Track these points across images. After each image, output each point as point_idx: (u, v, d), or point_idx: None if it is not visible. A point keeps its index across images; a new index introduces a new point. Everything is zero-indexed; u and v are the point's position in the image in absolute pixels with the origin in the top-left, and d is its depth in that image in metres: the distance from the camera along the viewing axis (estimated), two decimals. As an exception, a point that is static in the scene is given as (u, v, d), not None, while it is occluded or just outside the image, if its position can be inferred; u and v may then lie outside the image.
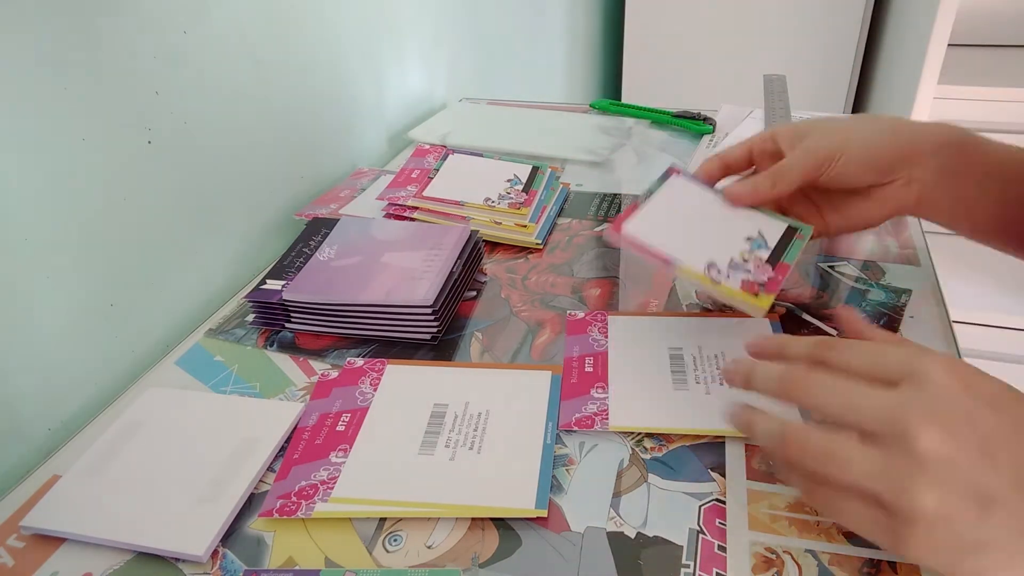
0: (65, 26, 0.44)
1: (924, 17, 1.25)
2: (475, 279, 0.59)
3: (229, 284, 0.62)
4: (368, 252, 0.56)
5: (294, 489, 0.39)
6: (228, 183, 0.61)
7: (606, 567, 0.35)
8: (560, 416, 0.44)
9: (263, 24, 0.62)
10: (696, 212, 0.49)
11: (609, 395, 0.45)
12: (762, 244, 0.47)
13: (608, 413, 0.43)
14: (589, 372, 0.47)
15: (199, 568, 0.36)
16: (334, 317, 0.52)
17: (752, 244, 0.47)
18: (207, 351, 0.52)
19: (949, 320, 0.50)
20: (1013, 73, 1.43)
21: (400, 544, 0.37)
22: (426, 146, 0.77)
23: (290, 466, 0.41)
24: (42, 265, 0.45)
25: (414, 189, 0.67)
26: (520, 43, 1.35)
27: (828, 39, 1.66)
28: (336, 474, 0.40)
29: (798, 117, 0.83)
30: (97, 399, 0.50)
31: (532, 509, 0.37)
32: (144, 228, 0.53)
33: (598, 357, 0.48)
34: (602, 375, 0.47)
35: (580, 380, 0.46)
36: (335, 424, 0.44)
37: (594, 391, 0.45)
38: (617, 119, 0.90)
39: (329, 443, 0.42)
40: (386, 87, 0.85)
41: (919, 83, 1.26)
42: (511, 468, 0.40)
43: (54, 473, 0.42)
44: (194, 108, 0.55)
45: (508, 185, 0.68)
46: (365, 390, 0.47)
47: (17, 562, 0.37)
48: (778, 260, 0.46)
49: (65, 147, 0.45)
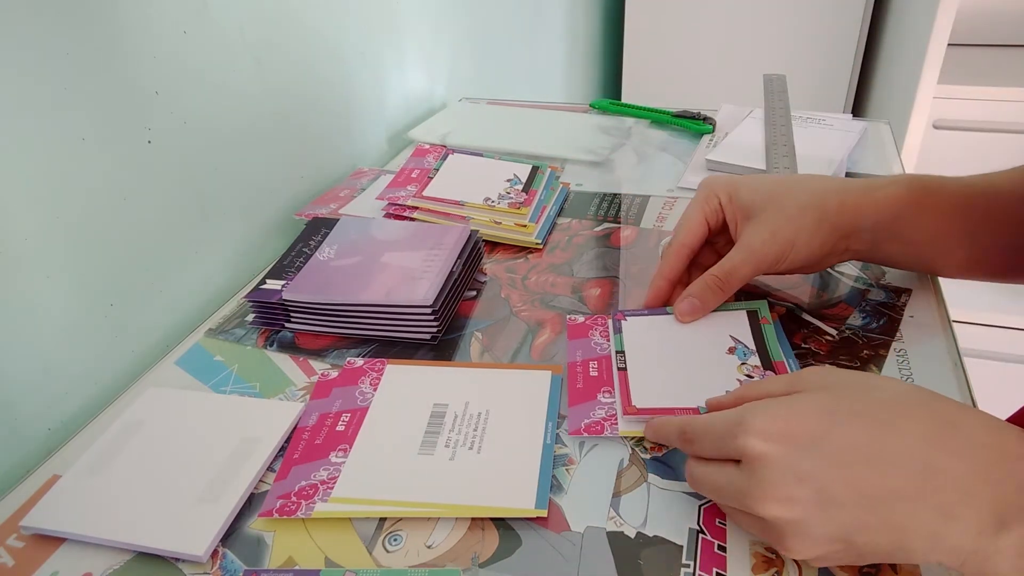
0: (65, 26, 0.44)
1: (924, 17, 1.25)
2: (475, 279, 0.59)
3: (229, 284, 0.62)
4: (368, 252, 0.56)
5: (294, 489, 0.39)
6: (228, 183, 0.61)
7: (606, 567, 0.35)
8: (569, 423, 0.43)
9: (263, 24, 0.62)
10: (669, 347, 0.48)
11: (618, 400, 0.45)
12: (746, 350, 0.47)
13: (617, 418, 0.43)
14: (595, 376, 0.47)
15: (199, 568, 0.36)
16: (334, 317, 0.52)
17: (737, 354, 0.47)
18: (207, 351, 0.52)
19: (949, 320, 0.50)
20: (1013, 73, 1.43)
21: (400, 544, 0.37)
22: (426, 146, 0.77)
23: (290, 466, 0.41)
24: (42, 265, 0.45)
25: (414, 189, 0.67)
26: (520, 43, 1.35)
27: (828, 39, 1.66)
28: (336, 474, 0.40)
29: (798, 117, 0.83)
30: (97, 399, 0.50)
31: (532, 509, 0.38)
32: (144, 228, 0.53)
33: (602, 361, 0.48)
34: (608, 379, 0.46)
35: (586, 385, 0.46)
36: (335, 424, 0.44)
37: (601, 395, 0.45)
38: (617, 119, 0.90)
39: (329, 443, 0.42)
40: (386, 87, 0.85)
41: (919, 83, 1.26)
42: (511, 468, 0.40)
43: (54, 473, 0.42)
44: (194, 108, 0.55)
45: (508, 185, 0.68)
46: (365, 390, 0.47)
47: (17, 562, 0.37)
48: (770, 360, 0.46)
49: (65, 147, 0.45)
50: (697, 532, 0.36)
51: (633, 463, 0.41)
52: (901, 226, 0.48)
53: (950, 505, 0.30)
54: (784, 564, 0.35)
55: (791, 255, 0.47)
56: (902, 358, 0.47)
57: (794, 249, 0.47)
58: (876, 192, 0.48)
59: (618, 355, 0.48)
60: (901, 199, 0.47)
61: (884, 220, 0.47)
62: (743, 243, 0.48)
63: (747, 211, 0.49)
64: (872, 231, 0.48)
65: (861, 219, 0.47)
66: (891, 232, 0.48)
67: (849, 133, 0.79)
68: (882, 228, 0.48)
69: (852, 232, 0.48)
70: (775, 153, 0.74)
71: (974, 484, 0.30)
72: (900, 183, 0.48)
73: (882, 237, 0.48)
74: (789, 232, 0.47)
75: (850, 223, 0.47)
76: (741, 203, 0.49)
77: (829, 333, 0.50)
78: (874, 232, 0.48)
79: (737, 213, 0.50)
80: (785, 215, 0.48)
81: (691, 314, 0.49)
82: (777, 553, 0.35)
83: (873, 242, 0.48)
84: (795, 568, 0.34)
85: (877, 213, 0.47)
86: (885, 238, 0.48)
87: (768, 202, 0.48)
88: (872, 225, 0.47)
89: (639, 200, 0.70)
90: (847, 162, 0.74)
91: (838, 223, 0.47)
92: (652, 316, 0.51)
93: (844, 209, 0.47)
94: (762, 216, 0.48)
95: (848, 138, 0.77)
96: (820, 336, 0.49)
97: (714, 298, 0.49)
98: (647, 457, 0.41)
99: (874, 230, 0.48)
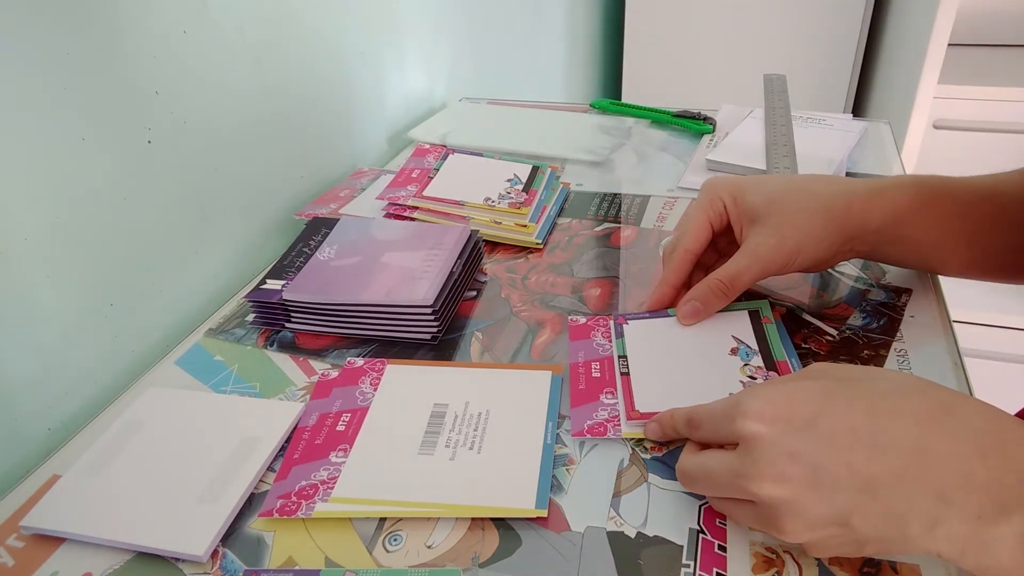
0: (65, 26, 0.44)
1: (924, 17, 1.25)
2: (475, 279, 0.59)
3: (229, 284, 0.62)
4: (368, 252, 0.56)
5: (294, 489, 0.39)
6: (228, 183, 0.61)
7: (606, 567, 0.35)
8: (572, 424, 0.43)
9: (263, 24, 0.62)
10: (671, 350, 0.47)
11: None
12: (749, 351, 0.47)
13: (620, 420, 0.43)
14: (597, 377, 0.47)
15: (199, 568, 0.36)
16: (334, 317, 0.52)
17: (740, 354, 0.46)
18: (207, 351, 0.52)
19: (949, 320, 0.50)
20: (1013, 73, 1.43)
21: (400, 544, 0.37)
22: (426, 146, 0.77)
23: (290, 466, 0.41)
24: (42, 265, 0.45)
25: (414, 189, 0.67)
26: (520, 43, 1.35)
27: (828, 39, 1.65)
28: (336, 474, 0.40)
29: (798, 117, 0.83)
30: (97, 399, 0.50)
31: (532, 509, 0.38)
32: (144, 228, 0.53)
33: (605, 362, 0.48)
34: (610, 380, 0.46)
35: (588, 386, 0.46)
36: (335, 424, 0.44)
37: (604, 397, 0.45)
38: (617, 119, 0.90)
39: (329, 443, 0.42)
40: (386, 87, 0.85)
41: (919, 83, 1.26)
42: (511, 468, 0.40)
43: (54, 473, 0.42)
44: (194, 108, 0.55)
45: (508, 185, 0.68)
46: (365, 390, 0.47)
47: (17, 562, 0.37)
48: (773, 360, 0.46)
49: (65, 147, 0.45)
50: (697, 532, 0.36)
51: (633, 463, 0.41)
52: (906, 229, 0.48)
53: (948, 488, 0.29)
54: (784, 564, 0.35)
55: (797, 260, 0.47)
56: (902, 358, 0.47)
57: (800, 255, 0.47)
58: (883, 195, 0.47)
59: (620, 360, 0.47)
60: (907, 202, 0.47)
61: (890, 223, 0.47)
62: (749, 248, 0.48)
63: (752, 215, 0.49)
64: (877, 233, 0.48)
65: (867, 222, 0.47)
66: (896, 235, 0.48)
67: (849, 133, 0.79)
68: (887, 230, 0.47)
69: (858, 235, 0.48)
70: (775, 153, 0.74)
71: (972, 468, 0.29)
72: (906, 185, 0.48)
73: (887, 239, 0.48)
74: (796, 239, 0.47)
75: (856, 226, 0.47)
76: (746, 206, 0.49)
77: (829, 333, 0.50)
78: (879, 234, 0.48)
79: (742, 216, 0.49)
80: (792, 222, 0.47)
81: (694, 318, 0.49)
82: (778, 553, 0.35)
83: (877, 243, 0.48)
84: (796, 568, 0.34)
85: (883, 216, 0.47)
86: (890, 240, 0.48)
87: (773, 206, 0.48)
88: (878, 228, 0.47)
89: (639, 200, 0.70)
90: (847, 162, 0.74)
91: (844, 227, 0.47)
92: (653, 319, 0.51)
93: (851, 214, 0.47)
94: (768, 221, 0.48)
95: (848, 138, 0.77)
96: (820, 336, 0.49)
97: (717, 302, 0.49)
98: (647, 457, 0.41)
99: (879, 232, 0.48)
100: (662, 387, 0.45)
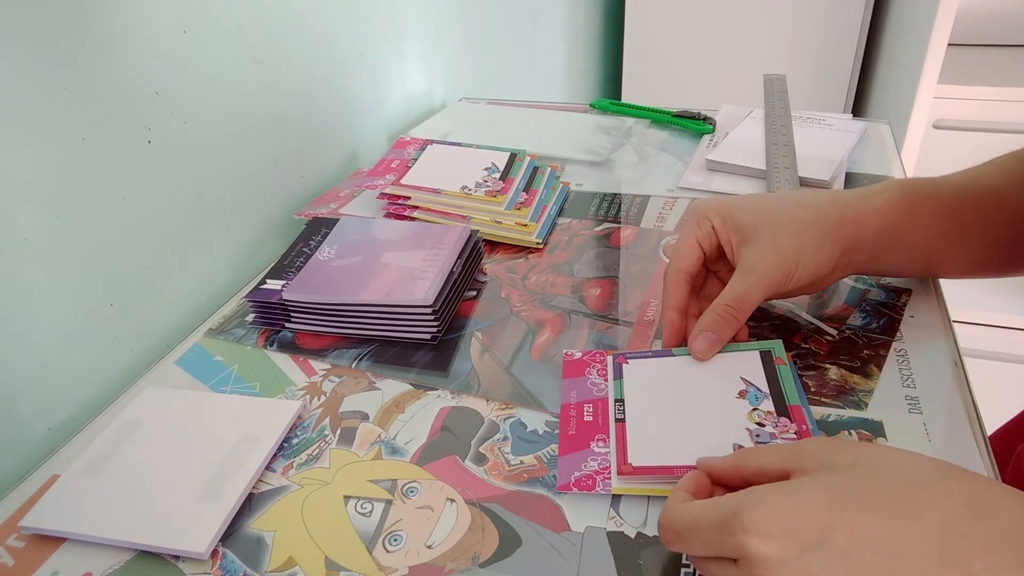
0: (65, 26, 0.44)
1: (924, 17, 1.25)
2: (475, 279, 0.59)
3: (229, 284, 0.62)
4: (368, 252, 0.56)
5: (581, 470, 0.40)
6: (228, 183, 0.61)
7: (606, 567, 0.35)
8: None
9: (263, 24, 0.62)
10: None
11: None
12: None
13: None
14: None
15: (199, 567, 0.36)
16: (334, 317, 0.52)
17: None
18: (207, 351, 0.52)
19: (949, 320, 0.50)
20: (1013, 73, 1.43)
21: (400, 544, 0.37)
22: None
23: (569, 446, 0.42)
24: (42, 265, 0.45)
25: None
26: (520, 43, 1.35)
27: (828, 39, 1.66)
28: (606, 464, 0.40)
29: (798, 117, 0.83)
30: (97, 399, 0.50)
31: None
32: (144, 228, 0.53)
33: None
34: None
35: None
36: (580, 414, 0.44)
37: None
38: (617, 119, 0.90)
39: (585, 433, 0.42)
40: (386, 87, 0.85)
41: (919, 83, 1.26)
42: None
43: (54, 473, 0.42)
44: (194, 108, 0.55)
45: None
46: (595, 380, 0.46)
47: (17, 562, 0.37)
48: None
49: (65, 147, 0.45)
50: (697, 532, 0.36)
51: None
52: (901, 233, 0.47)
53: None
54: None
55: (797, 273, 0.46)
56: (902, 358, 0.47)
57: (800, 266, 0.46)
58: (872, 201, 0.47)
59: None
60: (897, 205, 0.47)
61: (884, 229, 0.47)
62: (747, 266, 0.46)
63: (743, 233, 0.47)
64: (874, 241, 0.47)
65: (862, 230, 0.47)
66: (892, 240, 0.47)
67: (849, 133, 0.79)
68: (883, 237, 0.47)
69: (855, 244, 0.47)
70: (775, 153, 0.74)
71: None
72: (893, 189, 0.47)
73: (884, 246, 0.48)
74: (793, 250, 0.46)
75: (852, 235, 0.47)
76: (736, 225, 0.48)
77: (829, 333, 0.50)
78: (876, 242, 0.47)
79: (732, 236, 0.48)
80: (786, 234, 0.46)
81: (710, 350, 0.46)
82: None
83: (875, 252, 0.48)
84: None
85: (877, 222, 0.47)
86: (887, 247, 0.48)
87: (765, 222, 0.47)
88: (873, 235, 0.47)
89: (639, 200, 0.70)
90: (847, 162, 0.74)
91: (840, 235, 0.47)
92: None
93: (844, 221, 0.47)
94: (761, 237, 0.46)
95: (848, 138, 0.77)
96: (820, 336, 0.49)
97: (729, 328, 0.46)
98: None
99: (875, 239, 0.47)
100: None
